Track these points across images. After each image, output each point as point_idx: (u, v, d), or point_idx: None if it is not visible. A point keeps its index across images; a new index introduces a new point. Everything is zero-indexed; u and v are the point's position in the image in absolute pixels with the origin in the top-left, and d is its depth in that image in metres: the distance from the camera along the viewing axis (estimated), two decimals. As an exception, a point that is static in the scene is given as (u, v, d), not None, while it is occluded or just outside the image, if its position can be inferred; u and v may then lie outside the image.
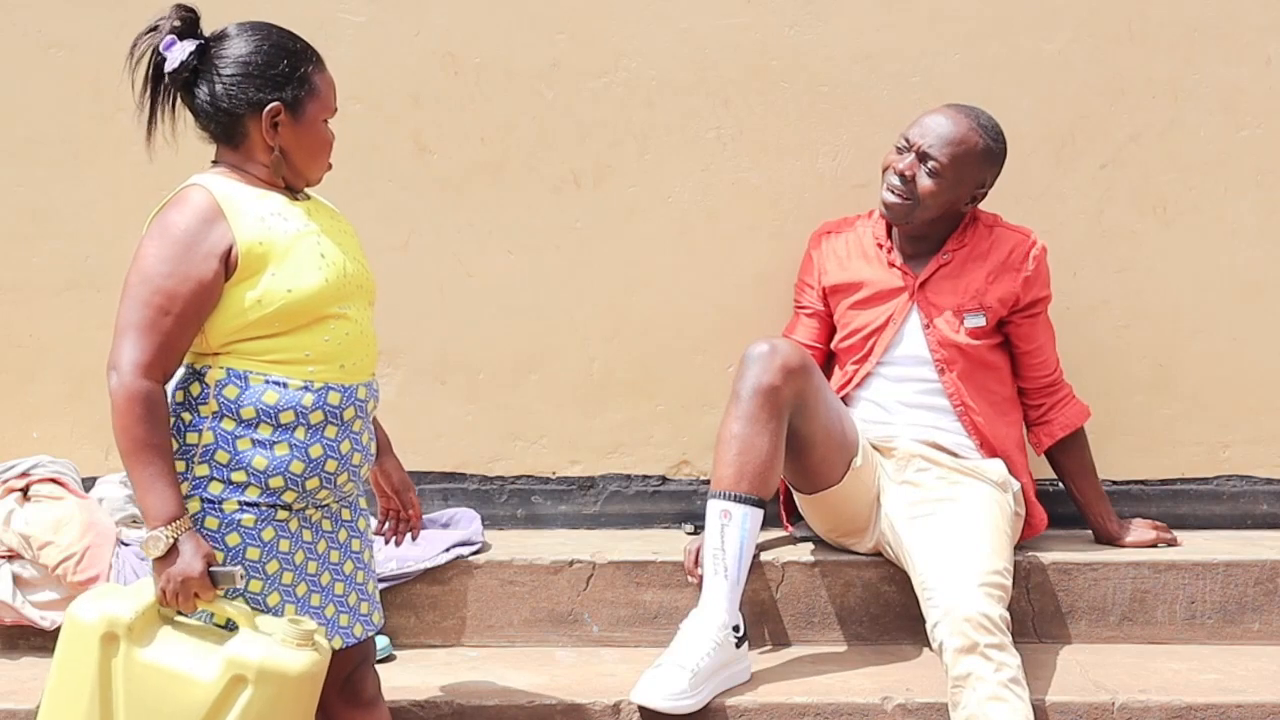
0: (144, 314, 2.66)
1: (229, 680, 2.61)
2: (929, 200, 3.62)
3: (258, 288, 2.70)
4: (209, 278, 2.68)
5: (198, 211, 2.70)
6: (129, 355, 2.65)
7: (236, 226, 2.70)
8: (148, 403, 2.64)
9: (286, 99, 2.76)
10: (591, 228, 3.99)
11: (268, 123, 2.76)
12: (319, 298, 2.74)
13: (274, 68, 2.75)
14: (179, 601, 2.65)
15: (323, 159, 2.85)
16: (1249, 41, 4.01)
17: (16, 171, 3.90)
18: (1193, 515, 4.07)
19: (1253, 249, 4.06)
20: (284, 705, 2.64)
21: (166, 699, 2.61)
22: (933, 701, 3.28)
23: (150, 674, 2.62)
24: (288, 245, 2.73)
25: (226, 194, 2.73)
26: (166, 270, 2.67)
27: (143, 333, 2.65)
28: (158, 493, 2.63)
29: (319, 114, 2.81)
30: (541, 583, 3.64)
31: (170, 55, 2.74)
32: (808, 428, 3.49)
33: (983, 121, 3.65)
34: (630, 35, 3.95)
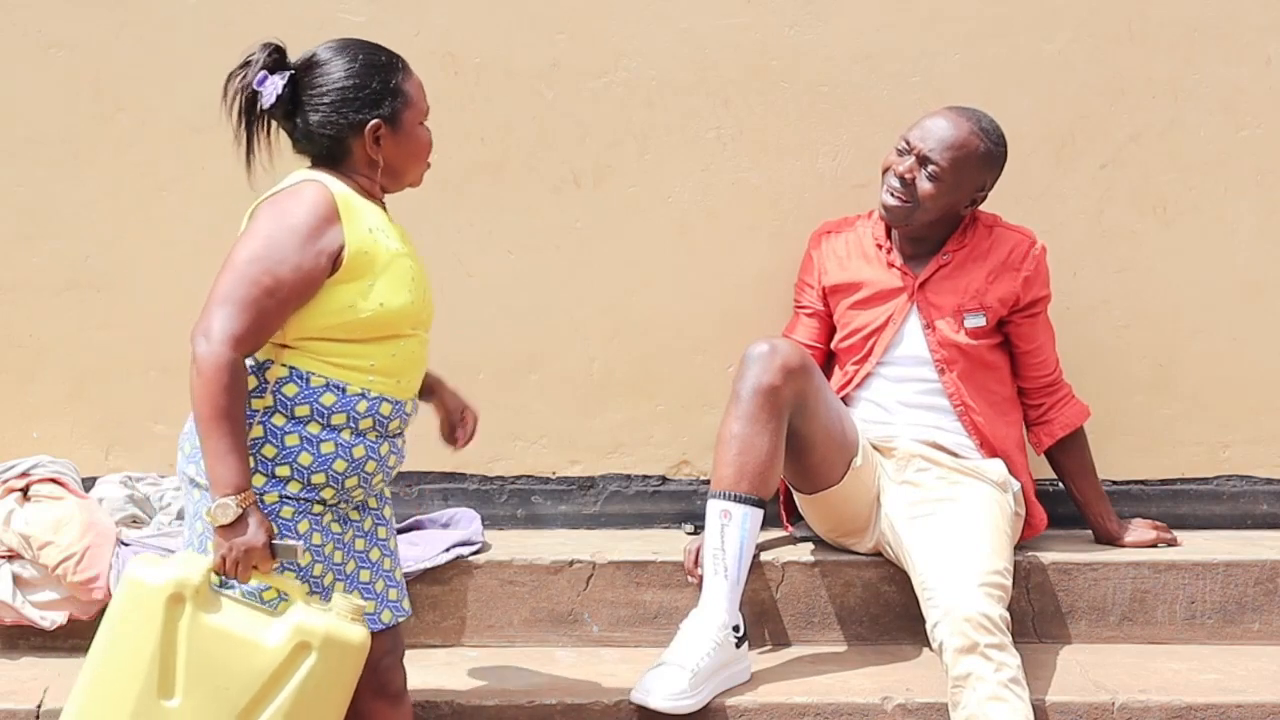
0: (249, 291, 2.72)
1: (294, 647, 2.65)
2: (928, 203, 3.62)
3: (353, 294, 2.78)
4: (316, 273, 2.75)
5: (316, 207, 2.78)
6: (224, 325, 2.70)
7: (349, 230, 2.78)
8: (234, 372, 2.69)
9: (385, 114, 2.85)
10: (591, 228, 3.99)
11: (370, 140, 2.84)
12: (403, 316, 2.83)
13: (368, 87, 2.84)
14: (237, 570, 2.69)
15: (423, 161, 2.94)
16: (1249, 41, 4.01)
17: (16, 171, 3.90)
18: (1193, 515, 4.07)
19: (1253, 249, 4.06)
20: (341, 677, 2.70)
21: (228, 663, 2.64)
22: (933, 701, 3.28)
23: (214, 637, 2.65)
24: (388, 260, 2.82)
25: (343, 197, 2.81)
26: (279, 256, 2.74)
27: (243, 308, 2.71)
28: (230, 463, 2.68)
29: (415, 120, 2.90)
30: (541, 583, 3.64)
31: (264, 91, 2.85)
32: (808, 428, 3.49)
33: (984, 125, 3.64)
34: (630, 35, 3.95)
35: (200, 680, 2.64)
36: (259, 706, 2.65)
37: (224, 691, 2.64)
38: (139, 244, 3.92)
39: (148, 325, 3.93)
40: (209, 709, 2.64)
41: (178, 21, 3.88)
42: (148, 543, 3.53)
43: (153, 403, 3.95)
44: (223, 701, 2.64)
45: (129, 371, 3.95)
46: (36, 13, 3.87)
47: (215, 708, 2.64)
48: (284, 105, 2.85)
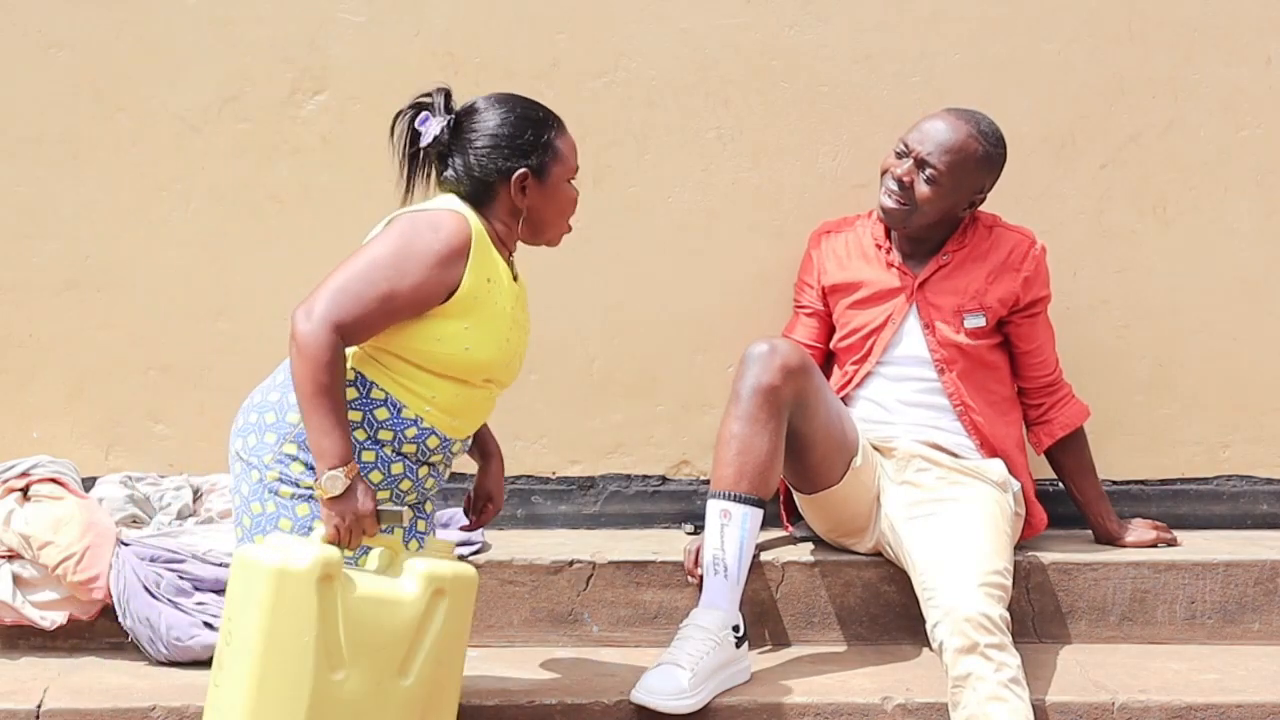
0: (364, 289, 2.82)
1: (431, 594, 2.78)
2: (926, 206, 3.62)
3: (447, 330, 2.88)
4: (432, 299, 2.87)
5: (453, 238, 2.88)
6: (328, 308, 2.79)
7: (472, 271, 2.89)
8: (334, 351, 2.78)
9: (533, 165, 2.98)
10: (591, 228, 3.97)
11: (516, 188, 2.97)
12: (481, 368, 2.94)
13: (520, 137, 2.99)
14: (349, 538, 2.79)
15: (566, 218, 3.08)
16: (1249, 41, 4.01)
17: (16, 171, 3.90)
18: (1193, 515, 4.07)
19: (1253, 249, 4.06)
20: (468, 610, 2.88)
21: (381, 624, 2.75)
22: (933, 701, 3.28)
23: (364, 604, 2.74)
24: (492, 315, 2.92)
25: (480, 236, 2.93)
26: (405, 269, 2.84)
27: (353, 301, 2.80)
28: (335, 437, 2.78)
29: (563, 176, 3.04)
30: (541, 583, 3.64)
31: (425, 130, 2.99)
32: (807, 428, 3.49)
33: (983, 128, 3.64)
34: (630, 35, 3.95)
35: (360, 647, 2.73)
36: (412, 657, 2.78)
37: (382, 651, 2.75)
38: (139, 244, 3.92)
39: (148, 325, 3.93)
40: (372, 671, 2.74)
41: (178, 21, 3.88)
42: (148, 543, 3.54)
43: (153, 403, 3.95)
44: (382, 661, 2.75)
45: (129, 371, 3.95)
46: (36, 13, 3.87)
47: (377, 669, 2.75)
48: (440, 146, 2.99)
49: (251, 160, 3.91)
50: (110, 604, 3.47)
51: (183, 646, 3.40)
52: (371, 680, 2.74)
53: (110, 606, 3.47)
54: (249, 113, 3.92)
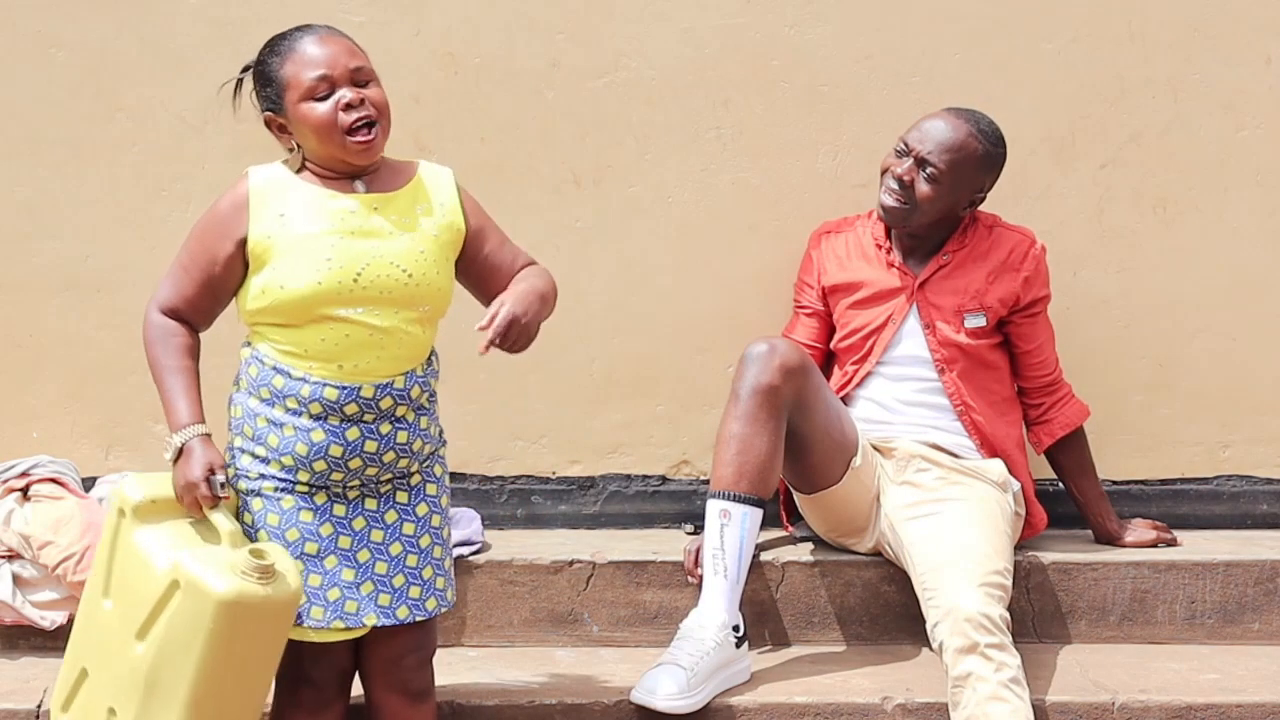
0: (172, 267, 2.95)
1: (169, 582, 2.77)
2: (926, 205, 3.62)
3: (260, 280, 2.87)
4: (219, 254, 2.89)
5: (231, 199, 2.93)
6: (155, 296, 2.95)
7: (255, 220, 2.88)
8: (157, 329, 2.93)
9: (271, 107, 2.94)
10: (591, 228, 3.99)
11: (276, 132, 2.96)
12: (313, 299, 2.84)
13: (257, 86, 2.97)
14: (188, 504, 2.85)
15: (331, 135, 2.88)
16: (1249, 41, 4.01)
17: (16, 171, 3.90)
18: (1193, 515, 4.07)
19: (1253, 249, 4.06)
20: (200, 626, 2.73)
21: (135, 579, 2.82)
22: (933, 701, 3.28)
23: (131, 552, 2.84)
24: (293, 243, 2.85)
25: (264, 186, 2.91)
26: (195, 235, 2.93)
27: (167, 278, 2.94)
28: (175, 405, 2.90)
29: (296, 100, 2.89)
30: (541, 583, 3.64)
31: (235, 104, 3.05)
32: (807, 427, 3.49)
33: (982, 127, 3.64)
34: (630, 35, 3.95)
35: (121, 589, 2.85)
36: (149, 627, 2.79)
37: (131, 604, 2.81)
38: (139, 244, 3.92)
39: (148, 325, 3.93)
40: (123, 617, 2.82)
41: (178, 21, 3.88)
42: (148, 543, 3.54)
43: (153, 403, 3.91)
44: (130, 613, 2.81)
45: (129, 371, 3.94)
46: (36, 13, 3.87)
47: (126, 617, 2.82)
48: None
49: (251, 160, 3.89)
50: (110, 604, 3.47)
51: (182, 646, 3.40)
52: (122, 625, 2.82)
53: (110, 606, 3.47)
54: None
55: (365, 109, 2.89)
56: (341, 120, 2.86)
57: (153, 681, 2.77)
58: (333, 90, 2.88)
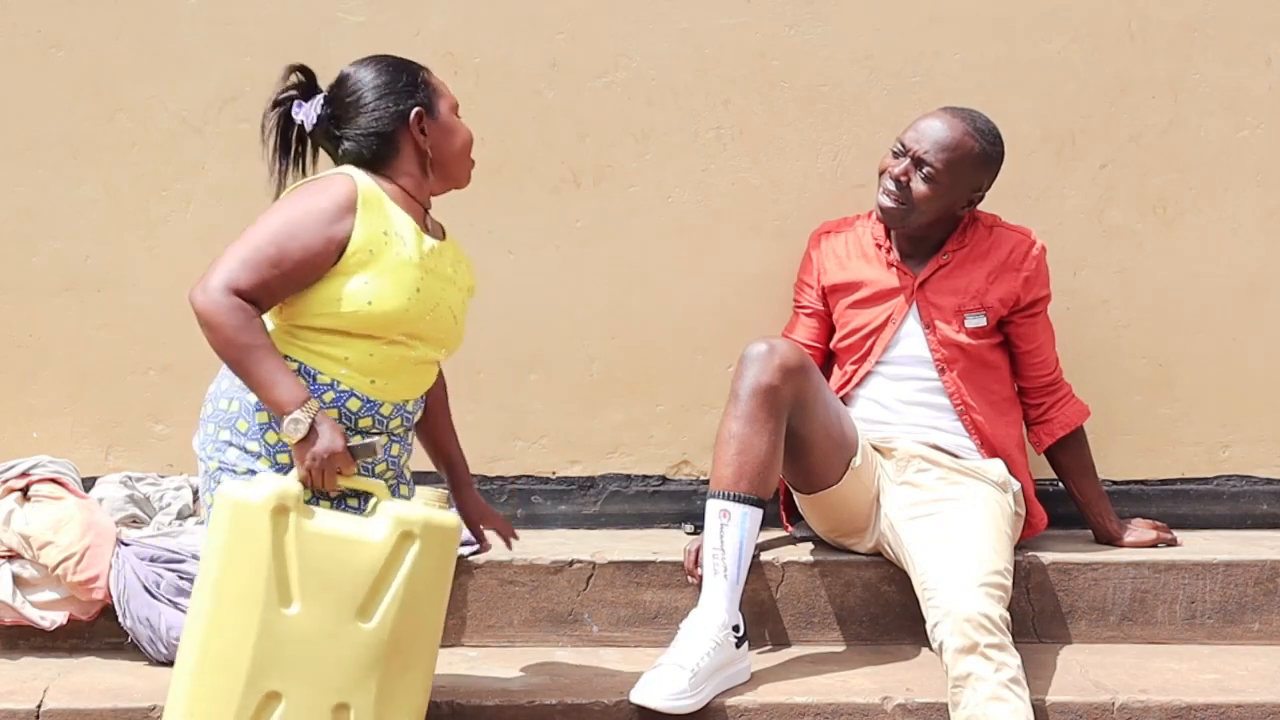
0: (253, 256, 2.85)
1: (398, 537, 2.77)
2: (924, 205, 3.62)
3: (346, 286, 2.89)
4: (322, 256, 2.87)
5: (336, 197, 2.90)
6: (222, 278, 2.83)
7: (362, 225, 2.90)
8: (241, 312, 2.81)
9: (422, 102, 3.03)
10: (591, 228, 3.99)
11: (415, 129, 3.01)
12: (390, 321, 2.92)
13: (399, 81, 3.02)
14: (323, 480, 2.80)
15: (467, 154, 3.09)
16: (1249, 41, 4.01)
17: (16, 171, 3.90)
18: (1193, 515, 4.07)
19: (1253, 249, 4.06)
20: (443, 561, 2.85)
21: (339, 563, 2.74)
22: (933, 701, 3.28)
23: (321, 541, 2.75)
24: (393, 265, 2.91)
25: (370, 193, 2.94)
26: (291, 232, 2.86)
27: (245, 267, 2.83)
28: (281, 384, 2.81)
29: (448, 108, 3.08)
30: (541, 583, 3.64)
31: (304, 116, 3.01)
32: (806, 428, 3.49)
33: (979, 125, 3.64)
34: (630, 35, 3.95)
35: (315, 584, 2.74)
36: (374, 601, 2.76)
37: (339, 591, 2.74)
38: (139, 244, 3.92)
39: (148, 325, 3.93)
40: (328, 610, 2.74)
41: (178, 21, 3.89)
42: (148, 543, 3.54)
43: (153, 403, 3.95)
44: (340, 601, 2.74)
45: (129, 371, 3.95)
46: (36, 13, 3.87)
47: (334, 608, 2.74)
48: (324, 124, 3.02)
49: (251, 160, 3.89)
50: (110, 604, 3.47)
51: (183, 646, 3.40)
52: (328, 619, 2.74)
53: (110, 606, 3.47)
54: (249, 113, 3.90)
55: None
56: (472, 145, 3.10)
57: (395, 648, 2.77)
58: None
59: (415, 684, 2.83)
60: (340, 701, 2.75)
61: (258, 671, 2.72)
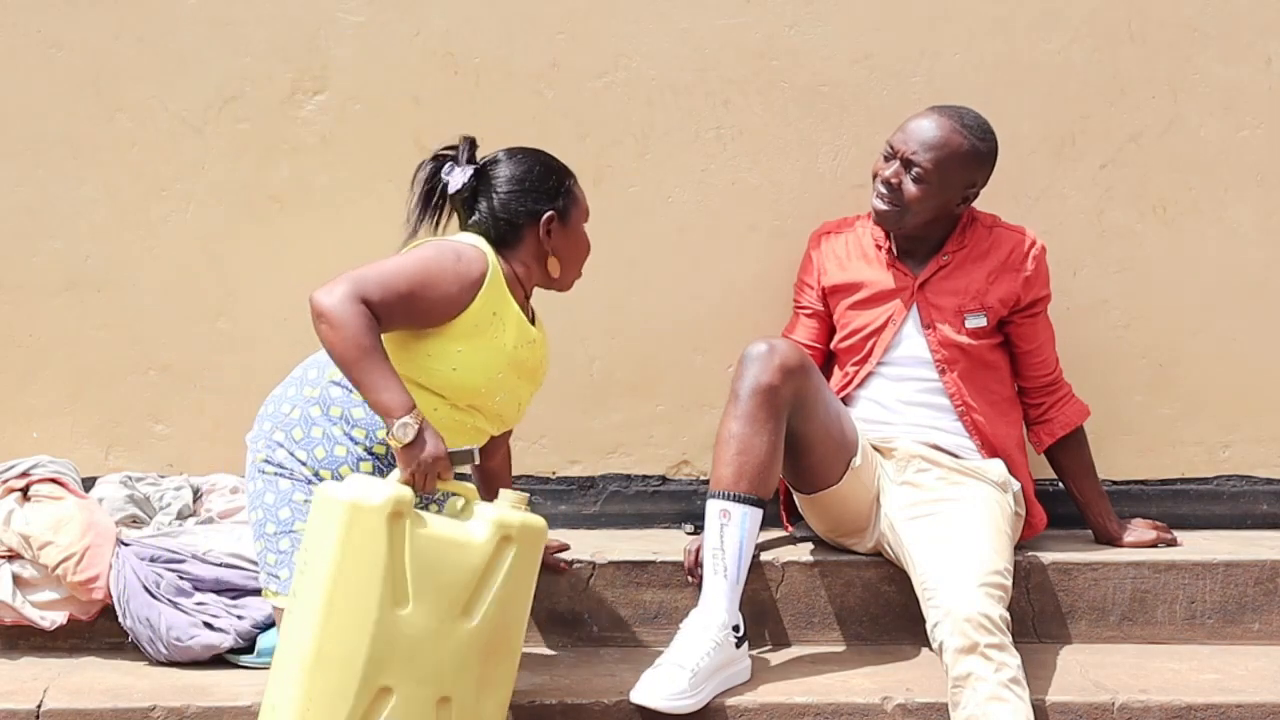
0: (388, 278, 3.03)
1: (499, 540, 2.93)
2: (916, 206, 3.62)
3: (443, 348, 3.11)
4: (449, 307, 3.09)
5: (475, 263, 3.13)
6: (353, 287, 3.00)
7: (483, 299, 3.12)
8: (365, 318, 2.98)
9: (558, 208, 3.24)
10: (592, 228, 3.98)
11: (544, 229, 3.22)
12: (466, 392, 3.14)
13: (545, 183, 3.25)
14: (425, 482, 2.97)
15: (582, 262, 3.33)
16: (1249, 41, 4.01)
17: (16, 171, 3.90)
18: (1193, 515, 4.07)
19: (1253, 249, 4.06)
20: (535, 560, 3.03)
21: (448, 564, 2.89)
22: (933, 701, 3.28)
23: (431, 543, 2.89)
24: (491, 345, 3.14)
25: (494, 277, 3.14)
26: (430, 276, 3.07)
27: (376, 285, 3.02)
28: (392, 388, 2.98)
29: (580, 219, 3.30)
30: (542, 583, 3.63)
31: (452, 179, 3.23)
32: (806, 428, 3.49)
33: (966, 121, 3.64)
34: (630, 35, 3.95)
35: (426, 585, 2.87)
36: (477, 599, 2.91)
37: (448, 591, 2.89)
38: (139, 244, 3.92)
39: (148, 325, 3.93)
40: (437, 609, 2.88)
41: (178, 21, 3.89)
42: (148, 543, 3.54)
43: (153, 403, 3.95)
44: (448, 600, 2.89)
45: (129, 371, 3.95)
46: (36, 13, 3.87)
47: (442, 607, 2.88)
48: (465, 193, 3.23)
49: (251, 160, 3.92)
50: (110, 604, 3.47)
51: (182, 646, 3.40)
52: (436, 618, 2.88)
53: (110, 606, 3.47)
54: (249, 113, 3.92)
55: None
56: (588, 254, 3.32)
57: (491, 643, 2.93)
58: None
59: (506, 674, 3.00)
60: (444, 695, 2.89)
61: (373, 668, 2.83)
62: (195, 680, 3.34)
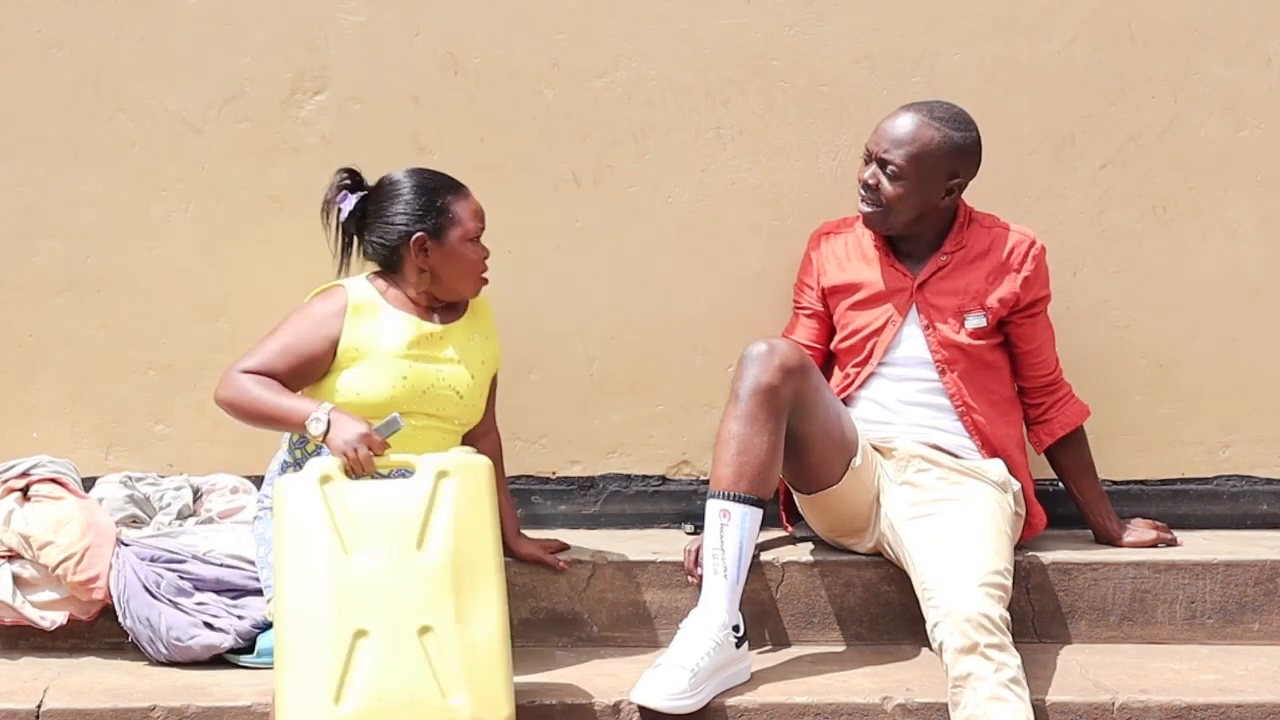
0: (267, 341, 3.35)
1: (435, 476, 3.07)
2: (897, 204, 3.62)
3: (339, 381, 3.35)
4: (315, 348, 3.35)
5: (330, 305, 3.39)
6: (233, 369, 3.32)
7: (349, 329, 3.36)
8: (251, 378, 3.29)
9: (428, 229, 3.38)
10: (591, 228, 3.99)
11: (416, 250, 3.37)
12: (381, 406, 3.30)
13: (417, 203, 3.39)
14: (361, 461, 3.11)
15: (471, 276, 3.44)
16: (1249, 41, 4.01)
17: (16, 171, 3.90)
18: (1193, 515, 4.07)
19: (1253, 249, 4.06)
20: (479, 493, 3.10)
21: (390, 508, 3.06)
22: (933, 701, 3.28)
23: (370, 494, 3.08)
24: (381, 358, 3.35)
25: (362, 302, 3.39)
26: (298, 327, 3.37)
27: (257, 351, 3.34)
28: (292, 404, 3.25)
29: (461, 238, 3.40)
30: (541, 582, 3.64)
31: (343, 207, 3.43)
32: (806, 428, 3.49)
33: (937, 114, 3.63)
34: (630, 35, 3.95)
35: (374, 529, 3.03)
36: (426, 532, 3.04)
37: (396, 531, 3.04)
38: (139, 244, 3.92)
39: (148, 325, 3.93)
40: (390, 550, 3.02)
41: (178, 21, 3.89)
42: (148, 543, 3.54)
43: (153, 403, 3.95)
44: (398, 540, 3.03)
45: (129, 371, 3.95)
46: (36, 13, 3.87)
47: (395, 547, 3.02)
48: (356, 220, 3.43)
49: (251, 160, 3.92)
50: (110, 604, 3.47)
51: (183, 646, 3.41)
52: (391, 557, 3.01)
53: (110, 606, 3.48)
54: (249, 113, 3.92)
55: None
56: (480, 267, 3.45)
57: (459, 570, 3.02)
58: (478, 240, 3.44)
59: (489, 600, 3.05)
60: (423, 625, 2.98)
61: (341, 615, 2.97)
62: (195, 680, 3.34)
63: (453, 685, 2.95)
